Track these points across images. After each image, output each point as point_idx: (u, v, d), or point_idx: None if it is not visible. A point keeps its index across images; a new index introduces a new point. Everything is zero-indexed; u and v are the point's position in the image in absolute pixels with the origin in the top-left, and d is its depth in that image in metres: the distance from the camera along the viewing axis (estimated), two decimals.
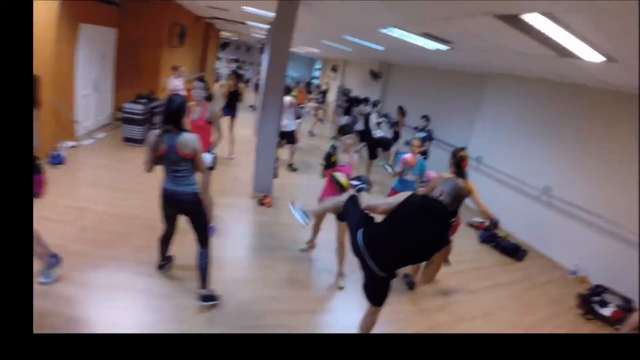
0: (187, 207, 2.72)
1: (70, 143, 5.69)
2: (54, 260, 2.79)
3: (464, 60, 6.09)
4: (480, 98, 7.02)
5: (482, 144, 6.67)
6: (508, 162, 6.09)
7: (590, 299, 3.99)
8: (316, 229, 3.86)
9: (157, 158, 2.59)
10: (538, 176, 5.60)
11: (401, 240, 2.14)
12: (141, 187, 4.70)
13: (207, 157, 3.29)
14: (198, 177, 2.85)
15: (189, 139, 2.55)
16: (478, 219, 5.67)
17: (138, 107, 6.27)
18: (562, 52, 3.48)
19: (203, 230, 2.83)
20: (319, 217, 3.70)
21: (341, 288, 3.50)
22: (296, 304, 3.20)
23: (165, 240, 3.03)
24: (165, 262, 3.17)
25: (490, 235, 5.41)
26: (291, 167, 6.71)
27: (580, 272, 4.80)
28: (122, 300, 2.79)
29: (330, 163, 3.42)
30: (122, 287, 2.93)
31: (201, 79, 3.80)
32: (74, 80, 5.88)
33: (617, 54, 3.07)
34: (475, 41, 4.30)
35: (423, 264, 2.35)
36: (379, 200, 2.39)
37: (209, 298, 2.84)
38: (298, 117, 6.68)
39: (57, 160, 4.96)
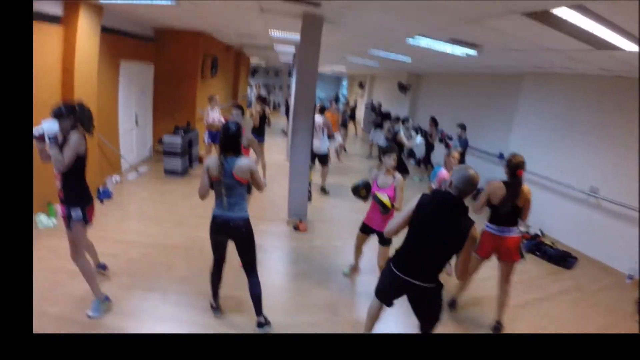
0: (239, 233, 2.71)
1: (117, 178, 6.01)
2: (104, 297, 2.92)
3: (496, 62, 5.90)
4: (515, 100, 6.73)
5: (521, 147, 6.28)
6: (550, 165, 5.77)
7: None
8: (358, 252, 3.78)
9: (212, 184, 2.62)
10: (583, 177, 5.29)
11: (425, 242, 2.16)
12: (182, 218, 4.89)
13: None
14: None
15: (245, 163, 2.60)
16: (521, 229, 5.38)
17: (176, 140, 6.53)
18: (599, 44, 3.29)
19: (253, 257, 2.83)
20: (361, 240, 3.63)
21: (344, 273, 3.81)
22: (335, 328, 3.11)
23: (217, 274, 2.96)
24: (217, 303, 3.06)
25: (536, 244, 5.16)
26: (324, 190, 6.59)
27: (638, 275, 4.44)
28: (167, 331, 2.82)
29: (363, 196, 3.41)
30: (167, 318, 2.98)
31: (238, 106, 3.97)
32: (117, 115, 6.24)
33: None
34: (506, 42, 4.16)
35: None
36: (394, 223, 2.34)
37: (266, 323, 2.90)
38: (330, 136, 6.65)
39: (105, 195, 5.23)
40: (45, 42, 4.26)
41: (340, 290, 3.70)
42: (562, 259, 4.87)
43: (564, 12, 2.66)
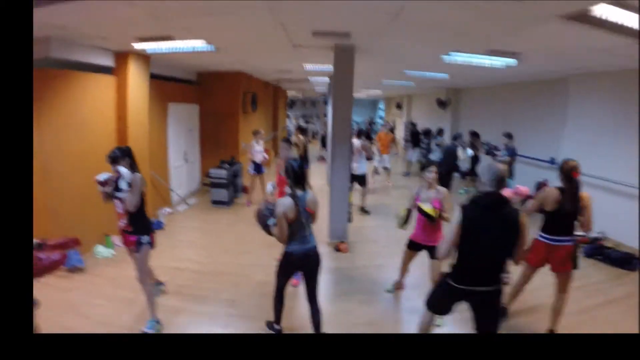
0: (317, 261, 2.79)
1: (168, 210, 6.43)
2: (157, 320, 3.12)
3: (537, 69, 5.71)
4: (564, 104, 6.42)
5: (574, 151, 5.93)
6: (607, 165, 5.39)
7: None
8: (404, 269, 3.69)
9: (289, 223, 2.64)
10: None
11: (482, 247, 2.14)
12: (228, 246, 5.09)
13: None
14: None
15: (312, 196, 2.77)
16: (579, 233, 4.99)
17: (222, 172, 6.91)
18: None
19: (317, 285, 2.86)
20: (408, 257, 3.55)
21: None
22: None
23: (282, 300, 2.97)
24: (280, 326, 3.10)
25: (597, 248, 4.84)
26: (364, 210, 6.62)
27: None
28: None
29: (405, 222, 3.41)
30: None
31: (287, 140, 4.27)
32: (167, 153, 6.76)
33: None
34: (546, 47, 4.04)
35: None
36: (446, 242, 2.29)
37: None
38: (369, 158, 6.73)
39: (157, 226, 5.56)
40: (101, 92, 4.78)
41: (385, 308, 3.62)
42: (626, 261, 4.54)
43: (602, 9, 2.58)
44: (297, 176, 2.68)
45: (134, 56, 5.05)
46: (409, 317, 3.43)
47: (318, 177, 9.23)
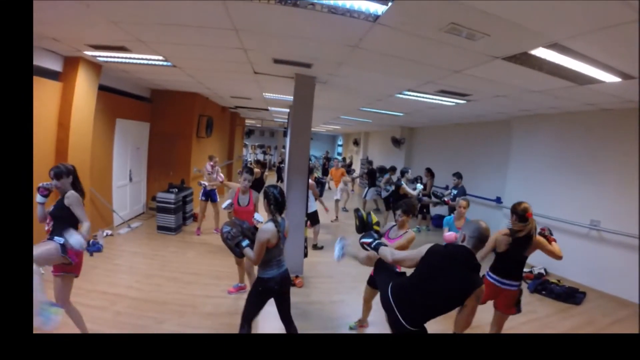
0: (290, 284, 2.85)
1: (108, 231, 5.88)
2: None
3: (485, 109, 6.10)
4: (508, 145, 6.89)
5: (517, 190, 6.35)
6: (548, 203, 5.75)
7: None
8: (367, 307, 3.57)
9: (269, 248, 2.63)
10: (583, 212, 5.30)
11: (428, 290, 2.09)
12: (174, 274, 4.68)
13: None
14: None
15: (287, 222, 2.78)
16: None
17: (170, 197, 6.45)
18: (580, 80, 3.42)
19: (290, 305, 2.86)
20: (369, 294, 3.45)
21: (351, 328, 3.59)
22: None
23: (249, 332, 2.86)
24: None
25: (541, 283, 5.04)
26: (316, 247, 6.47)
27: None
28: None
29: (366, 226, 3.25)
30: None
31: (250, 171, 4.16)
32: (111, 170, 6.26)
33: (632, 70, 2.99)
34: (491, 88, 4.32)
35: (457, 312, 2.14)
36: (404, 254, 2.37)
37: None
38: (316, 198, 6.64)
39: (95, 248, 5.10)
40: (43, 97, 4.36)
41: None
42: (570, 295, 4.74)
43: (541, 53, 2.79)
44: (278, 203, 2.68)
45: (84, 63, 4.73)
46: None
47: None
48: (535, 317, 4.20)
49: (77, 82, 4.69)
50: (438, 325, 3.77)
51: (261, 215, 4.06)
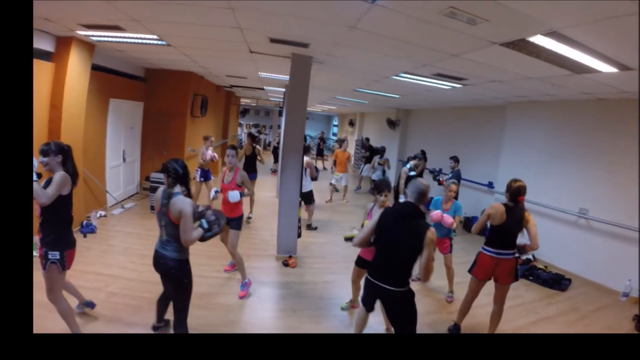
0: (161, 268, 2.94)
1: (101, 212, 5.87)
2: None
3: (481, 94, 6.07)
4: (502, 130, 6.91)
5: (510, 175, 6.29)
6: (538, 190, 5.75)
7: None
8: (356, 287, 3.63)
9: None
10: (572, 199, 5.39)
11: (390, 248, 2.39)
12: None
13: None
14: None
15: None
16: (526, 256, 5.32)
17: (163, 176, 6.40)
18: (577, 68, 3.42)
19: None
20: (357, 274, 3.50)
21: (342, 308, 3.71)
22: None
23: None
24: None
25: (529, 269, 5.14)
26: (310, 227, 6.51)
27: (634, 292, 4.44)
28: None
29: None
30: None
31: (233, 147, 4.06)
32: (105, 151, 6.20)
33: (630, 61, 2.99)
34: (489, 73, 4.29)
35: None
36: (363, 230, 2.60)
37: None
38: (313, 178, 6.59)
39: (88, 229, 5.10)
40: (35, 78, 4.23)
41: (334, 325, 3.50)
42: (556, 281, 4.85)
43: (540, 40, 2.77)
44: (178, 176, 2.74)
45: (77, 43, 4.62)
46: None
47: (268, 189, 9.17)
48: (522, 301, 4.33)
49: (70, 63, 4.58)
50: (439, 317, 3.90)
51: (217, 189, 4.14)
